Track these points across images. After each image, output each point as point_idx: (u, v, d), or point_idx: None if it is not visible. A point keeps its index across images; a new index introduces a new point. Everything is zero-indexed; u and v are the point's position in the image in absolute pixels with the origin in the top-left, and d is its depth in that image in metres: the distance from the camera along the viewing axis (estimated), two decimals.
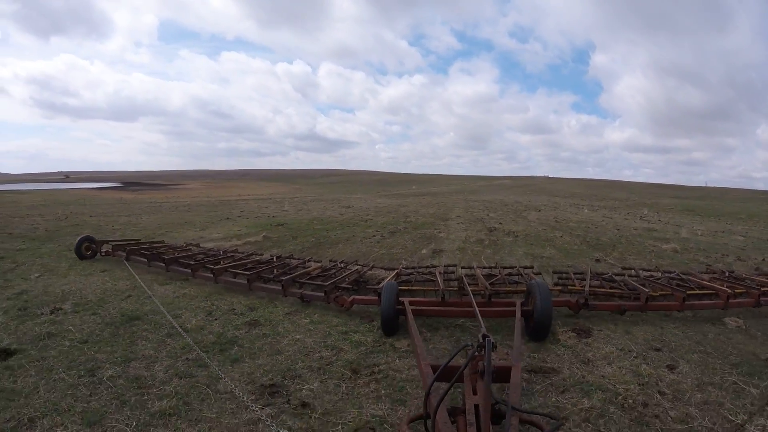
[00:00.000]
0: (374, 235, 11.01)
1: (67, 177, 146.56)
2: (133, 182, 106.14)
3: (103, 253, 8.17)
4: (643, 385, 3.29)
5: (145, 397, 3.04)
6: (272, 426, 2.70)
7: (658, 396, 3.13)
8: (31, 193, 39.22)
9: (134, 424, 2.73)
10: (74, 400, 3.00)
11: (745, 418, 2.86)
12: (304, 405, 2.98)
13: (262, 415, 2.80)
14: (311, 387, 3.24)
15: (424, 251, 8.82)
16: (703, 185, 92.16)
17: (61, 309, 4.93)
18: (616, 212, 22.52)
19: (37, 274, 6.70)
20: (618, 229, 13.01)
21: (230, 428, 2.72)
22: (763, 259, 8.77)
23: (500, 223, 13.62)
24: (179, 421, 2.77)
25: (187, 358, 3.67)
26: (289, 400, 3.05)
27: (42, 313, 4.78)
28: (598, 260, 8.24)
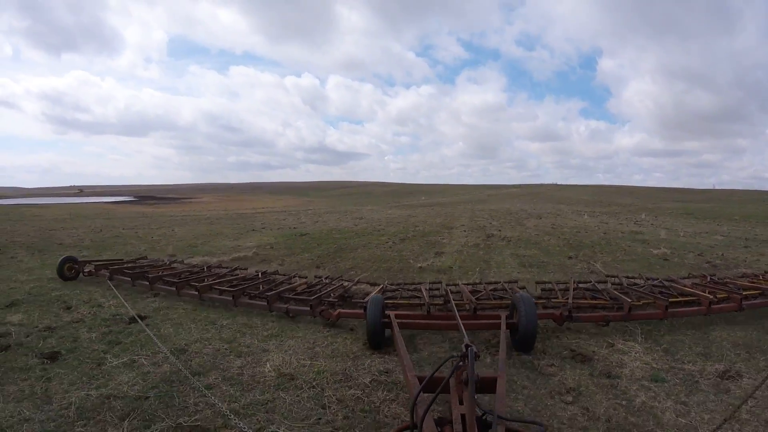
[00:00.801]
0: (387, 242, 12.61)
1: (81, 191, 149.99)
2: (146, 196, 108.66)
3: (86, 273, 7.95)
4: None
5: (254, 331, 4.64)
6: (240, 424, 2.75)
7: None
8: (51, 207, 41.09)
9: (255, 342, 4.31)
10: (210, 336, 4.65)
11: None
12: None
13: None
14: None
15: (428, 254, 10.37)
16: (711, 188, 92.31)
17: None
18: (615, 217, 23.73)
19: None
20: (605, 233, 14.47)
21: None
22: (722, 254, 10.20)
23: (499, 230, 15.17)
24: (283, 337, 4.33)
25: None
26: None
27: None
28: (570, 257, 9.73)
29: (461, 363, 2.59)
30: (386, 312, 4.81)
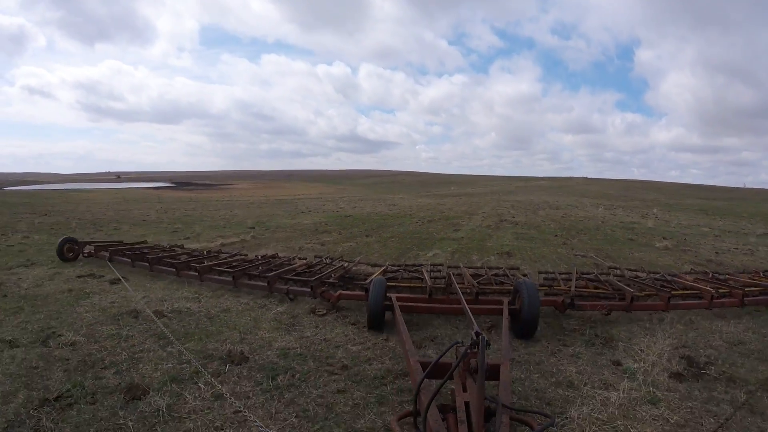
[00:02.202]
0: (417, 222, 15.47)
1: (119, 177, 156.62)
2: (184, 182, 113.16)
3: (86, 254, 8.03)
4: None
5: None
6: (257, 423, 2.74)
7: None
8: (97, 192, 44.12)
9: None
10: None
11: None
12: None
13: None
14: None
15: (448, 230, 13.18)
16: (742, 186, 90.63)
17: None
18: (628, 210, 25.34)
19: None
20: (603, 222, 16.83)
21: None
22: (685, 239, 12.51)
23: (513, 217, 17.71)
24: None
25: None
26: None
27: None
28: (556, 236, 12.20)
29: (469, 350, 2.54)
30: (388, 295, 4.79)
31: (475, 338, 2.47)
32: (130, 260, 7.26)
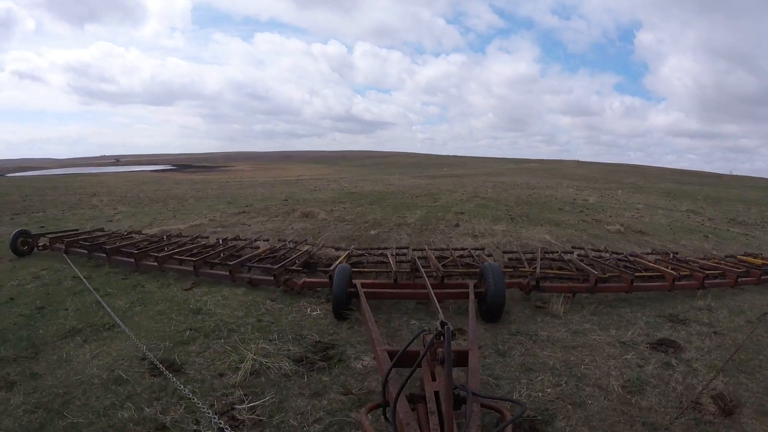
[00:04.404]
0: (408, 197, 19.55)
1: (117, 161, 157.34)
2: (184, 165, 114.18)
3: (40, 247, 7.57)
4: None
5: None
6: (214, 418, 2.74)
7: None
8: (105, 176, 45.42)
9: None
10: None
11: None
12: None
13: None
14: None
15: (430, 201, 17.33)
16: (728, 173, 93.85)
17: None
18: (591, 191, 27.87)
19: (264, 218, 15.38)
20: (556, 199, 20.79)
21: None
22: (603, 209, 16.52)
23: (486, 194, 21.71)
24: None
25: None
26: None
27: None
28: (505, 206, 16.08)
29: (435, 340, 2.52)
30: (353, 281, 4.78)
31: (440, 328, 2.47)
32: (86, 251, 7.01)
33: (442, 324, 2.50)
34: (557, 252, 7.18)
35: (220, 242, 7.76)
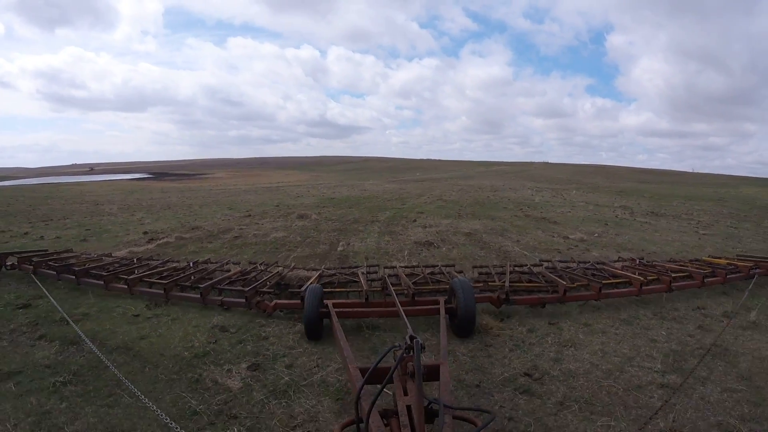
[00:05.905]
0: (380, 201, 22.40)
1: (92, 169, 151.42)
2: (161, 173, 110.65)
3: (8, 267, 7.38)
4: None
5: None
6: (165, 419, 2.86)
7: None
8: (87, 185, 43.46)
9: None
10: None
11: None
12: None
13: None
14: None
15: (399, 203, 20.40)
16: (690, 170, 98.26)
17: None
18: (546, 192, 30.53)
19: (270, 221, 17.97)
20: (508, 200, 23.82)
21: None
22: (542, 207, 19.68)
23: (449, 197, 24.70)
24: None
25: None
26: None
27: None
28: (459, 206, 19.03)
29: (405, 354, 2.60)
30: (325, 301, 4.88)
31: (409, 342, 2.56)
32: (55, 272, 6.88)
33: (411, 338, 2.62)
34: (526, 265, 7.39)
35: (191, 265, 7.71)
